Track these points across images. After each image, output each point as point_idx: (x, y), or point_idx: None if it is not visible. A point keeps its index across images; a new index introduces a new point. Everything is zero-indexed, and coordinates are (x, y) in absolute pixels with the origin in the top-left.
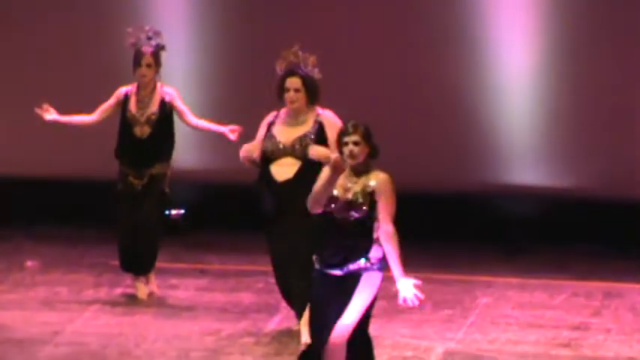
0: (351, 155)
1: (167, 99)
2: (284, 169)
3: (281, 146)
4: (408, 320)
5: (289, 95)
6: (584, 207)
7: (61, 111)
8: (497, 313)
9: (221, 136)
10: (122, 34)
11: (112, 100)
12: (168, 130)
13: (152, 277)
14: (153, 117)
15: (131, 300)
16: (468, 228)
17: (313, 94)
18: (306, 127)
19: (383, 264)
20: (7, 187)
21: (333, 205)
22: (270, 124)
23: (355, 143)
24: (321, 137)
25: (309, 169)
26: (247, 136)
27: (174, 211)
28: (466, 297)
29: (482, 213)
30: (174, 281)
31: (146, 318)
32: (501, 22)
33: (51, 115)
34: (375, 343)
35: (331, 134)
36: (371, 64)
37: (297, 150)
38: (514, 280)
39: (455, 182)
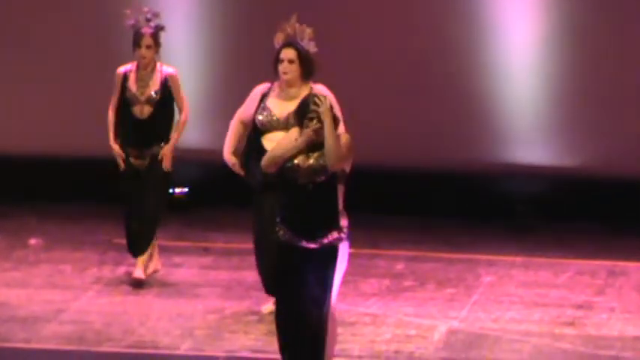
0: (316, 132)
1: (168, 78)
2: (274, 143)
3: (275, 119)
4: (412, 299)
5: (283, 66)
6: (588, 186)
7: (62, 91)
8: (500, 291)
9: (224, 115)
10: (121, 14)
11: (117, 88)
12: (169, 110)
13: (148, 258)
14: (154, 96)
15: None
16: (472, 207)
17: (308, 68)
18: (299, 101)
19: (349, 232)
20: (11, 164)
21: (296, 172)
22: (264, 96)
23: (317, 118)
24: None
25: None
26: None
27: (178, 190)
28: (470, 276)
29: (486, 192)
30: (178, 259)
31: (150, 296)
32: (504, 1)
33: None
34: (378, 321)
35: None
36: (375, 46)
37: (291, 124)
38: (518, 259)
39: (459, 162)
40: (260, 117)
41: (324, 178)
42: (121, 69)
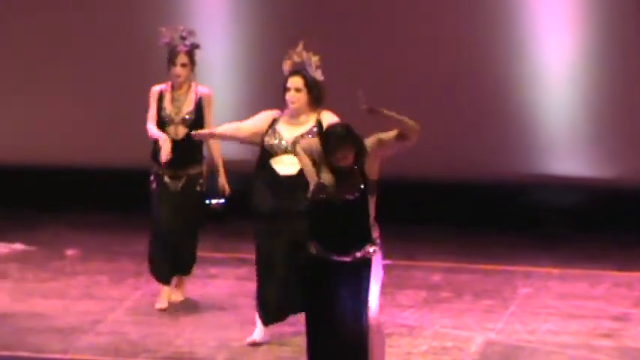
0: (343, 160)
1: (202, 98)
2: (285, 167)
3: (283, 143)
4: (448, 310)
5: (290, 95)
6: (625, 197)
7: (97, 103)
8: (537, 303)
9: None
10: (156, 32)
11: (153, 104)
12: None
13: (184, 281)
14: (189, 117)
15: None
16: (509, 218)
17: (316, 96)
18: (308, 125)
19: (381, 243)
20: (48, 175)
21: (325, 194)
22: (274, 120)
23: (344, 157)
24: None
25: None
26: None
27: (214, 201)
28: (506, 287)
29: (522, 203)
30: (214, 270)
31: (186, 307)
32: (541, 11)
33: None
34: (415, 333)
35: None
36: (412, 58)
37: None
38: (554, 271)
39: (495, 172)
40: (271, 141)
41: (355, 195)
42: (157, 88)
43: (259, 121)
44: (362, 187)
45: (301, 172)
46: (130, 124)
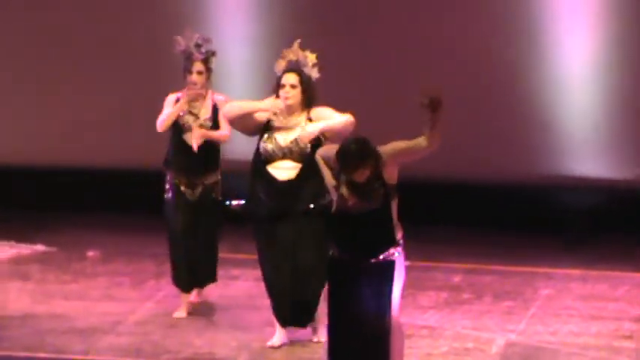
0: (358, 179)
1: (218, 105)
2: (283, 172)
3: (279, 149)
4: (469, 312)
5: (284, 91)
6: None
7: (119, 104)
8: (558, 304)
9: None
10: (172, 40)
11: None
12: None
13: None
14: (206, 124)
15: None
16: (529, 219)
17: (310, 95)
18: (300, 127)
19: (404, 243)
20: (68, 177)
21: (347, 204)
22: (269, 121)
23: (362, 174)
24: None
25: (310, 170)
26: None
27: (234, 202)
28: (527, 288)
29: (543, 204)
30: (235, 272)
31: (207, 308)
32: (562, 12)
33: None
34: (435, 334)
35: (319, 114)
36: (435, 59)
37: (295, 152)
38: (575, 272)
39: (516, 173)
40: (268, 146)
41: (377, 205)
42: (173, 96)
43: (260, 115)
44: (383, 195)
45: (300, 176)
46: (150, 126)
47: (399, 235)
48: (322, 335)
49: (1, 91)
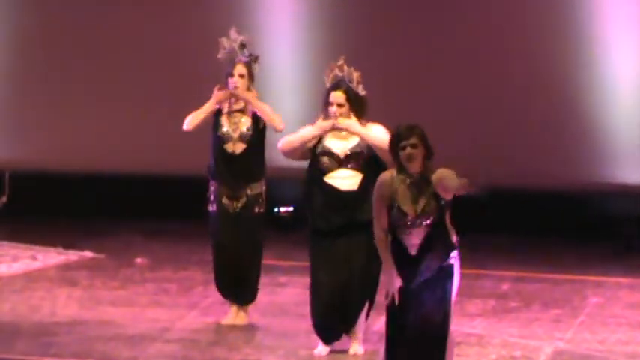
0: (410, 158)
1: (260, 115)
2: (342, 181)
3: (336, 160)
4: (517, 319)
5: (332, 109)
6: None
7: (168, 112)
8: (607, 312)
9: None
10: (217, 42)
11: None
12: (261, 146)
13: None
14: (247, 133)
15: None
16: (578, 227)
17: (359, 109)
18: (356, 139)
19: (458, 247)
20: (118, 183)
21: (406, 222)
22: (321, 137)
23: (413, 146)
24: (368, 146)
25: (371, 179)
26: None
27: (283, 209)
28: (576, 296)
29: (592, 212)
30: (282, 279)
31: (255, 315)
32: (610, 18)
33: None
34: (483, 342)
35: (377, 134)
36: (475, 67)
37: (352, 161)
38: (624, 280)
39: (566, 181)
40: (323, 158)
41: (433, 218)
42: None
43: (310, 135)
44: (438, 208)
45: (362, 185)
46: (198, 132)
47: (454, 238)
48: (360, 349)
49: (54, 99)
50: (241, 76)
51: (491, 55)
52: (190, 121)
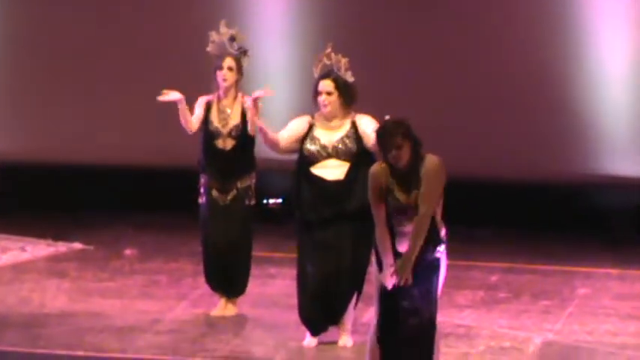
0: (396, 159)
1: (247, 109)
2: (329, 171)
3: (324, 149)
4: (506, 311)
5: (321, 98)
6: None
7: (158, 104)
8: (596, 304)
9: None
10: (206, 35)
11: (200, 110)
12: (251, 142)
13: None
14: (236, 129)
15: None
16: (568, 219)
17: (348, 97)
18: (344, 129)
19: (447, 241)
20: (107, 175)
21: (403, 214)
22: (312, 126)
23: (398, 147)
24: (357, 137)
25: (358, 170)
26: None
27: (272, 201)
28: (565, 288)
29: (581, 203)
30: (272, 270)
31: (244, 307)
32: (603, 11)
33: (174, 96)
34: (472, 333)
35: (366, 129)
36: (470, 59)
37: (340, 151)
38: (613, 271)
39: (555, 173)
40: (311, 147)
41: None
42: (203, 98)
43: (295, 128)
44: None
45: (349, 175)
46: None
47: (442, 232)
48: (349, 340)
49: (41, 92)
50: (230, 69)
51: (482, 46)
52: (191, 125)
